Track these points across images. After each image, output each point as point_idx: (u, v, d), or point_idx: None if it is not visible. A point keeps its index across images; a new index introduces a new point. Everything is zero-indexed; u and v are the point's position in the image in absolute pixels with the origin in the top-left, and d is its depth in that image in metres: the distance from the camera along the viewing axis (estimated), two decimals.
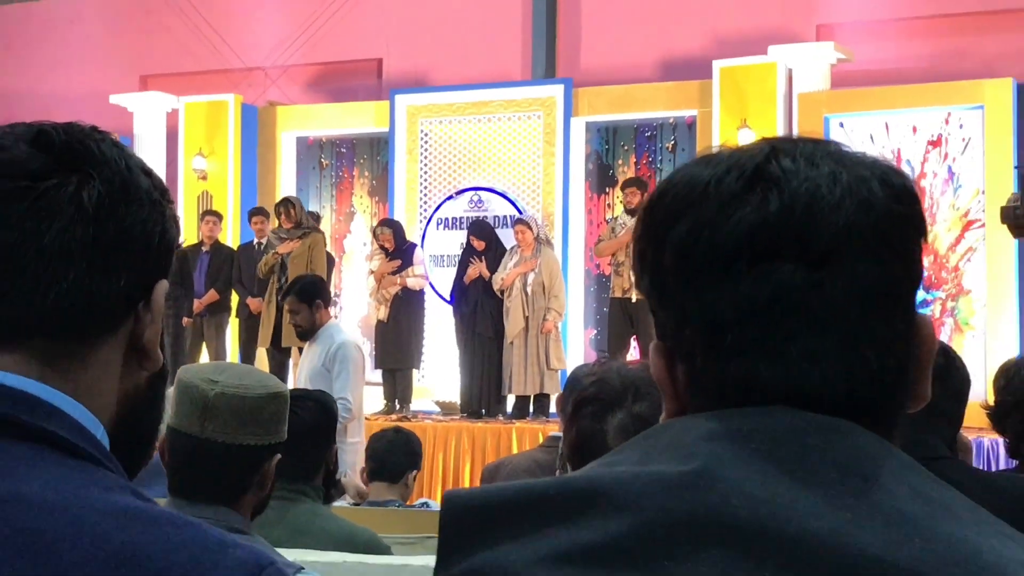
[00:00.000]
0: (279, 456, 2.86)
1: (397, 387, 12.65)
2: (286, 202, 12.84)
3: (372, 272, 13.04)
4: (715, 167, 1.15)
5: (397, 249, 12.72)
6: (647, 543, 1.04)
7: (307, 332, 8.68)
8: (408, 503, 6.62)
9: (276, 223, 12.78)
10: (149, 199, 1.30)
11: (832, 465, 1.08)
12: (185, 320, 12.87)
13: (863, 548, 1.02)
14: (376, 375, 12.66)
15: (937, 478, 1.12)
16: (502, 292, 12.16)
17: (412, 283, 12.72)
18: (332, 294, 12.24)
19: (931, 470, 1.12)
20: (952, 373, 3.21)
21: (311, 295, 8.63)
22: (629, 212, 11.84)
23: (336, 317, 12.55)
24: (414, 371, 12.98)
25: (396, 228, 12.87)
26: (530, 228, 12.10)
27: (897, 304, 1.15)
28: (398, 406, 12.39)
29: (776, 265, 1.10)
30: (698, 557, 1.03)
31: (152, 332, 1.32)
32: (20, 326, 1.24)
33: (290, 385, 5.22)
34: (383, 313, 12.73)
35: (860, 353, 1.12)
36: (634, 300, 11.64)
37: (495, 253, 12.30)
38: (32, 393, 1.23)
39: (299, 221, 12.57)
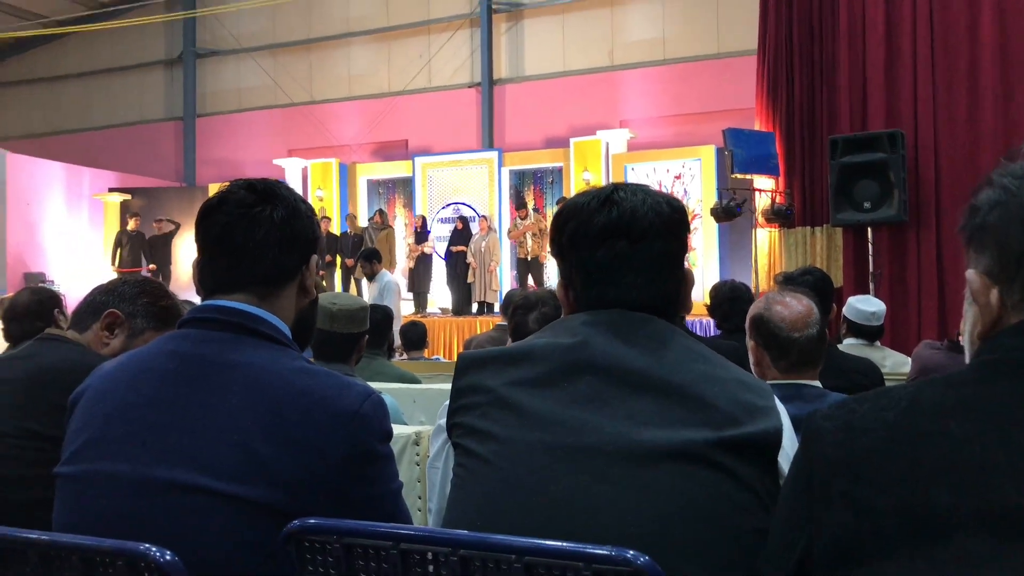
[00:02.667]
0: (367, 336, 2.74)
1: (421, 300, 12.44)
2: (380, 211, 12.86)
3: (409, 244, 12.92)
4: (587, 196, 1.22)
5: (422, 230, 12.61)
6: (554, 375, 1.12)
7: (370, 276, 8.83)
8: (427, 357, 6.67)
9: (374, 220, 12.56)
10: (306, 215, 1.30)
11: (645, 336, 1.15)
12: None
13: (659, 374, 1.11)
14: (410, 296, 12.54)
15: (697, 342, 1.20)
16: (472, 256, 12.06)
17: (427, 250, 12.70)
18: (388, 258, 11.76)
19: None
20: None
21: (370, 257, 8.84)
22: (522, 218, 11.98)
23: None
24: (428, 294, 12.70)
25: (423, 220, 12.81)
26: (485, 220, 12.37)
27: (676, 261, 1.22)
28: (420, 310, 12.13)
29: (615, 242, 1.17)
30: (580, 380, 1.11)
31: (310, 281, 1.32)
32: (248, 280, 1.25)
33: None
34: (412, 264, 12.62)
35: (658, 286, 1.19)
36: (529, 259, 11.62)
37: (467, 232, 12.31)
38: (254, 312, 1.24)
39: (383, 222, 12.64)
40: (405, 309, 12.19)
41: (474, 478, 1.13)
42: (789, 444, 1.11)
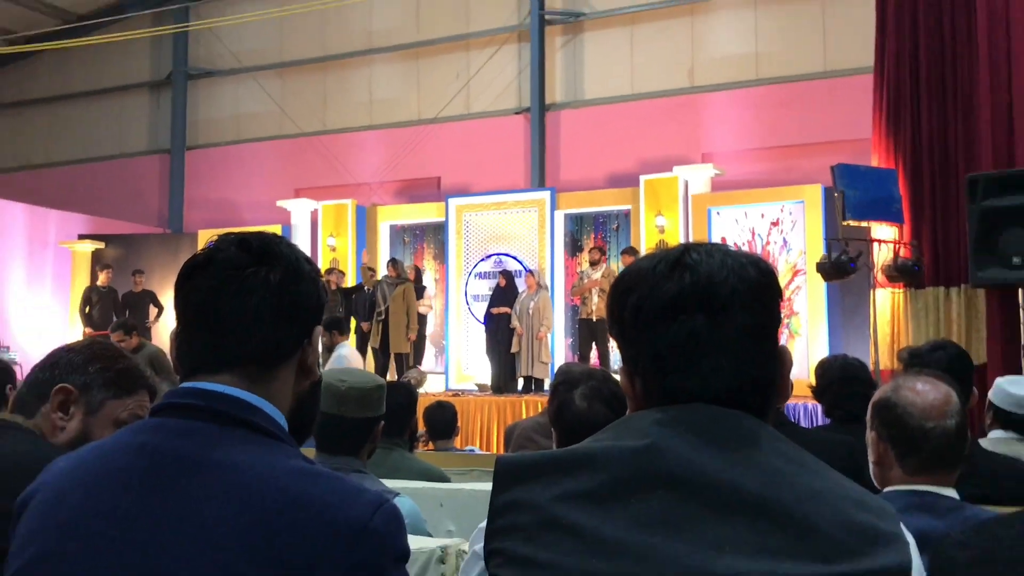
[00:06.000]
0: (383, 422, 2.79)
1: (402, 364, 12.17)
2: (393, 260, 12.89)
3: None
4: (652, 260, 1.24)
5: (398, 276, 12.53)
6: (620, 488, 1.12)
7: (328, 347, 8.47)
8: (459, 447, 6.48)
9: (387, 272, 12.63)
10: (309, 277, 1.35)
11: (731, 439, 1.15)
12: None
13: (750, 488, 1.10)
14: (441, 369, 13.12)
15: (794, 444, 1.18)
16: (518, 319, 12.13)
17: (423, 309, 12.63)
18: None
19: (780, 431, 1.19)
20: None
21: (329, 327, 8.52)
22: (592, 263, 11.91)
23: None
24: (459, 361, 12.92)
25: (416, 272, 12.84)
26: (533, 276, 12.40)
27: (766, 338, 1.22)
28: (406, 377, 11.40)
29: (690, 317, 1.18)
30: (650, 496, 1.11)
31: (312, 358, 1.37)
32: (236, 359, 1.30)
33: None
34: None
35: (745, 370, 1.19)
36: (594, 320, 11.51)
37: (511, 291, 12.46)
38: (243, 398, 1.28)
39: (399, 274, 12.58)
40: (434, 386, 12.69)
41: None
42: None
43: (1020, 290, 7.58)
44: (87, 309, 13.56)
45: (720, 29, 13.44)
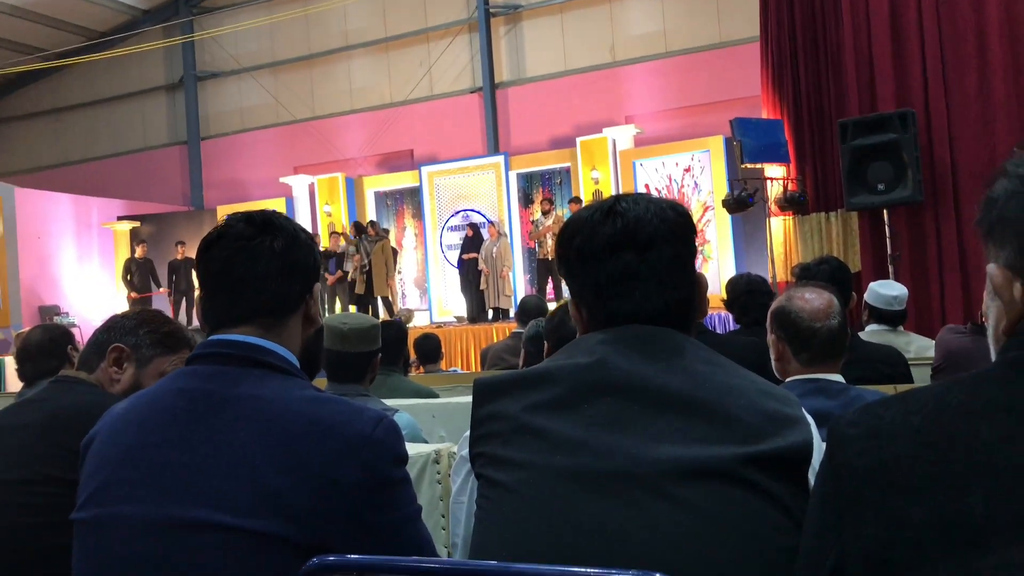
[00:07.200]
0: (380, 354, 2.72)
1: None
2: (372, 223, 12.91)
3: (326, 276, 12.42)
4: (589, 210, 1.22)
5: (376, 235, 12.45)
6: (573, 397, 1.11)
7: None
8: (444, 369, 6.44)
9: (365, 233, 12.55)
10: (306, 244, 1.32)
11: (662, 351, 1.14)
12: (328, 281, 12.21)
13: (679, 389, 1.09)
14: (424, 306, 13.16)
15: (714, 352, 1.17)
16: (484, 262, 12.13)
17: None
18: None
19: (700, 339, 1.19)
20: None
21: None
22: (544, 212, 11.88)
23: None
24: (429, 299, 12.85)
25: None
26: (494, 226, 12.44)
27: (685, 267, 1.20)
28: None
29: (622, 254, 1.17)
30: (599, 401, 1.10)
31: (314, 309, 1.34)
32: (251, 313, 1.28)
33: None
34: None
35: (670, 294, 1.18)
36: (550, 259, 11.28)
37: (477, 239, 12.39)
38: (259, 344, 1.26)
39: (376, 233, 12.54)
40: (420, 320, 12.51)
41: (499, 507, 1.11)
42: (818, 459, 1.06)
43: (884, 211, 7.66)
44: (128, 277, 13.44)
45: (634, 12, 13.20)
